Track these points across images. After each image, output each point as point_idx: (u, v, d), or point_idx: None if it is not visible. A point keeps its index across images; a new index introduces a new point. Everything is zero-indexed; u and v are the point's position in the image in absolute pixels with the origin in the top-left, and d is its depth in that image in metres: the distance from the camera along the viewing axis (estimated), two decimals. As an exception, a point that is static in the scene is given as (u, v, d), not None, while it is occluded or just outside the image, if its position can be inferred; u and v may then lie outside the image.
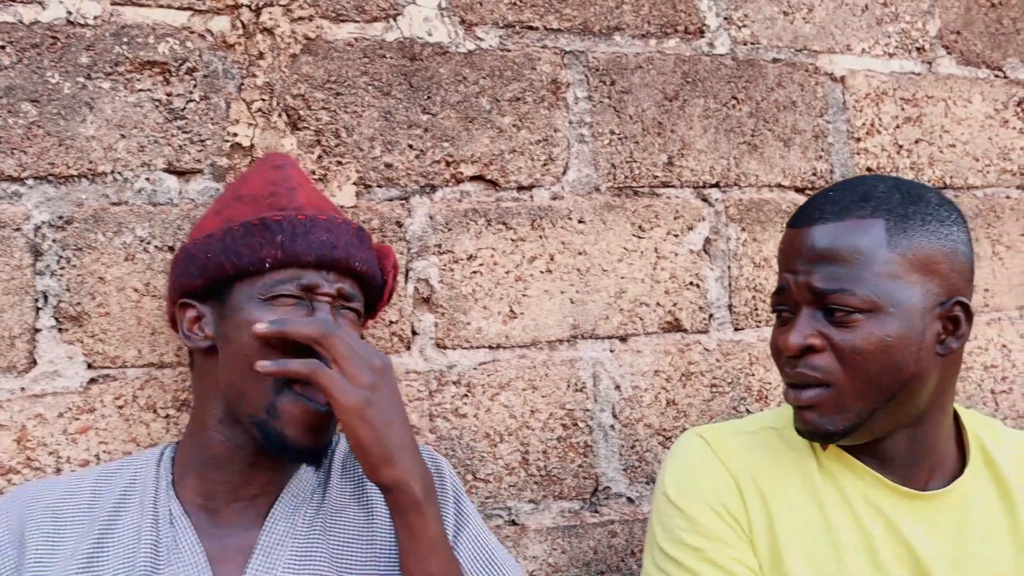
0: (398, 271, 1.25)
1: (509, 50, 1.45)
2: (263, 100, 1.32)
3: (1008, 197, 1.84)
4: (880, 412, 1.05)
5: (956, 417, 1.17)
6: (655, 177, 1.51)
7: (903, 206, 1.06)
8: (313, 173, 1.34)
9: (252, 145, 1.31)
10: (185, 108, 1.29)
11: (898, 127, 1.73)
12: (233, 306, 1.06)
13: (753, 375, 1.55)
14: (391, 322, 1.37)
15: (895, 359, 1.03)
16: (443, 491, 1.14)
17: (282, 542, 1.05)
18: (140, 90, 1.27)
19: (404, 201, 1.39)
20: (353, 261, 1.10)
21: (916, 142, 1.74)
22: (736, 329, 1.54)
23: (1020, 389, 1.82)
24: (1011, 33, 1.87)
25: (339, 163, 1.36)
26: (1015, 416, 1.81)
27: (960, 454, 1.15)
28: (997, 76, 1.85)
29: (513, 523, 1.41)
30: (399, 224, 1.38)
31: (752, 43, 1.61)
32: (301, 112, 1.34)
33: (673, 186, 1.52)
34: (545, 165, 1.45)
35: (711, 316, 1.53)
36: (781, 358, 1.09)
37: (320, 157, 1.35)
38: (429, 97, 1.40)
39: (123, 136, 1.25)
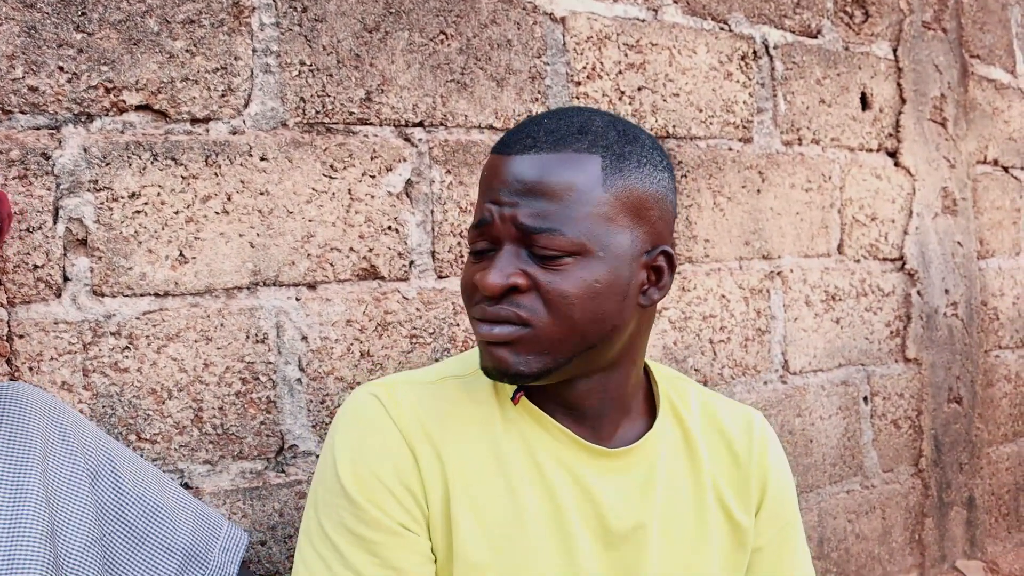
0: (12, 219, 1.11)
1: (181, -35, 1.30)
2: None
3: (730, 149, 1.86)
4: (577, 360, 0.98)
5: (647, 371, 1.13)
6: (351, 113, 1.40)
7: (620, 144, 0.98)
8: (-63, 94, 1.16)
9: None
10: None
11: (620, 73, 1.70)
12: None
13: (458, 325, 1.48)
14: (36, 267, 1.21)
15: (602, 307, 0.95)
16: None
17: None
18: None
19: (54, 130, 1.23)
20: None
21: (639, 89, 1.72)
22: (440, 277, 1.47)
23: (738, 339, 1.85)
24: (737, -15, 1.87)
25: (-30, 84, 1.18)
26: (732, 365, 1.84)
27: (650, 409, 1.11)
28: (722, 29, 1.85)
29: (186, 486, 1.29)
30: (46, 156, 1.22)
31: (465, -24, 1.53)
32: (-80, 22, 1.15)
33: (371, 124, 1.42)
34: (224, 96, 1.32)
35: (412, 263, 1.45)
36: (475, 297, 0.98)
37: (-55, 76, 1.17)
38: (84, 13, 1.24)
39: None
